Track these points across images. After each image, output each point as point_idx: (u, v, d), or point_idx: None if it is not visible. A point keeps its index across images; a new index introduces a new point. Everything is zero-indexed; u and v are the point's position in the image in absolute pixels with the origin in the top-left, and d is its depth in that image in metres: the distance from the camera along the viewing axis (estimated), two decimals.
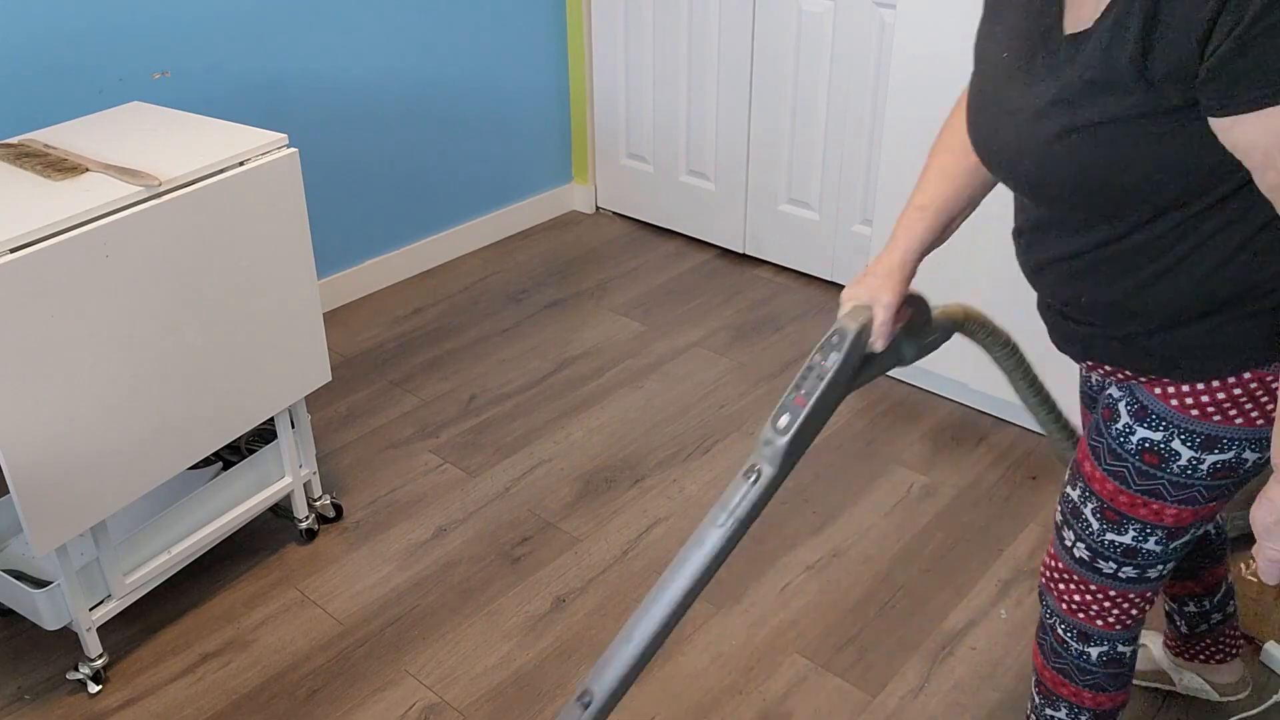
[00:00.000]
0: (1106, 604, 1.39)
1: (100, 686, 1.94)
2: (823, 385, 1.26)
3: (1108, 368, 1.30)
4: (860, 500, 2.39)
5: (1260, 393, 1.20)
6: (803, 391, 1.27)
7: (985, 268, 2.49)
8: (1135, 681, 1.90)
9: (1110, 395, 1.32)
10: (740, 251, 3.47)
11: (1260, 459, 1.24)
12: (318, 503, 2.31)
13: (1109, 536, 1.33)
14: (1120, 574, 1.35)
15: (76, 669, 1.93)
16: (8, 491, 1.96)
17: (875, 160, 2.99)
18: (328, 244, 3.11)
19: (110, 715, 1.90)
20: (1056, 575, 1.44)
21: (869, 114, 2.95)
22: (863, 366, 1.32)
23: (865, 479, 2.46)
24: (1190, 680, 1.84)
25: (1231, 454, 1.23)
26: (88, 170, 1.82)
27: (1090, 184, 1.12)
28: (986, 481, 2.44)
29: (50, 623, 1.87)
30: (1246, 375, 1.19)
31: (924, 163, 1.42)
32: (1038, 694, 1.55)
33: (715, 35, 3.20)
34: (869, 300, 1.35)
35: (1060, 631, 1.46)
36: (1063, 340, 1.37)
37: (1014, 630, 2.05)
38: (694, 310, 3.17)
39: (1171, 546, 1.32)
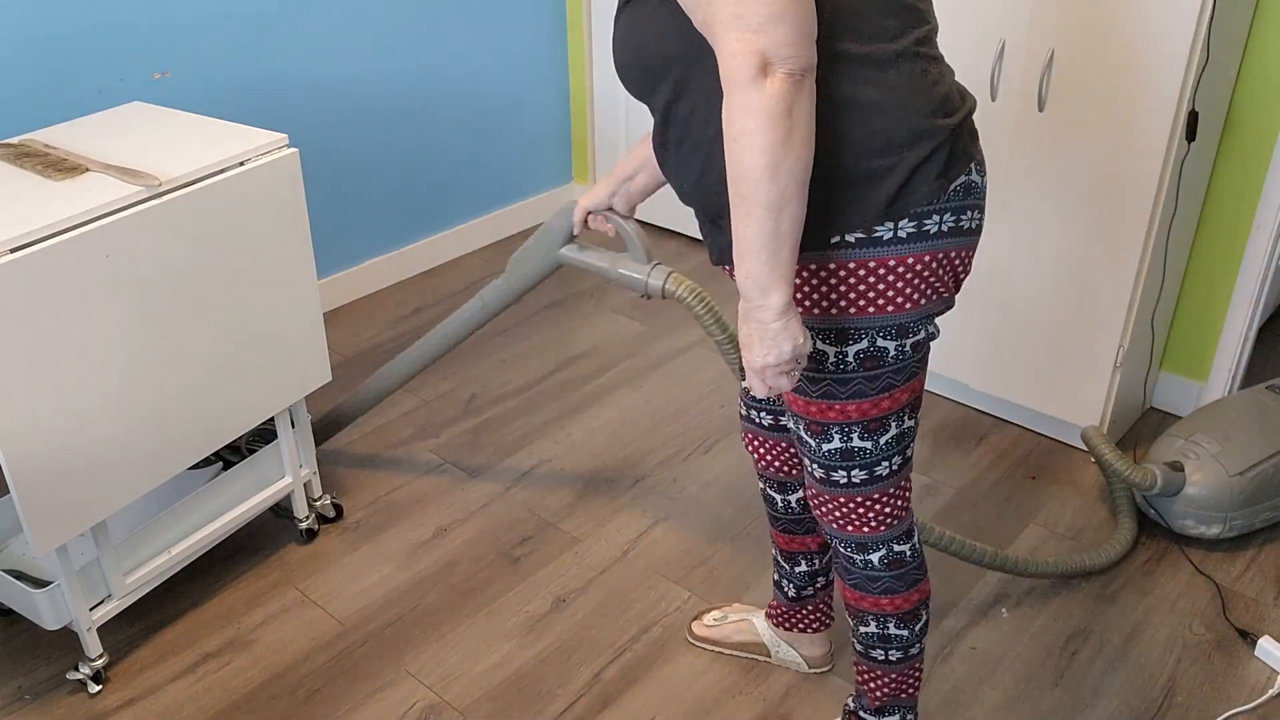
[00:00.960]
0: (862, 510, 1.51)
1: (100, 686, 1.94)
2: (526, 244, 2.11)
3: (728, 269, 1.39)
4: None
5: (815, 280, 1.32)
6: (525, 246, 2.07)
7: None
8: (733, 653, 2.00)
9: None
10: None
11: (874, 344, 1.35)
12: (318, 503, 2.31)
13: (825, 447, 1.45)
14: (854, 478, 1.47)
15: (77, 669, 1.93)
16: (8, 491, 1.97)
17: None
18: (328, 244, 3.11)
19: (110, 715, 1.90)
20: (815, 501, 1.54)
21: None
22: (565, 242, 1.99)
23: None
24: (785, 652, 1.95)
25: (864, 343, 1.35)
26: (88, 170, 1.82)
27: (627, 58, 1.31)
28: (986, 481, 2.44)
29: (50, 623, 1.87)
30: (818, 271, 1.31)
31: None
32: (849, 618, 1.65)
33: None
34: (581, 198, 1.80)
35: (841, 549, 1.57)
36: (708, 249, 1.46)
37: (1014, 630, 2.05)
38: None
39: (881, 441, 1.44)
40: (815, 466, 1.49)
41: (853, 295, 1.32)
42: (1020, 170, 2.32)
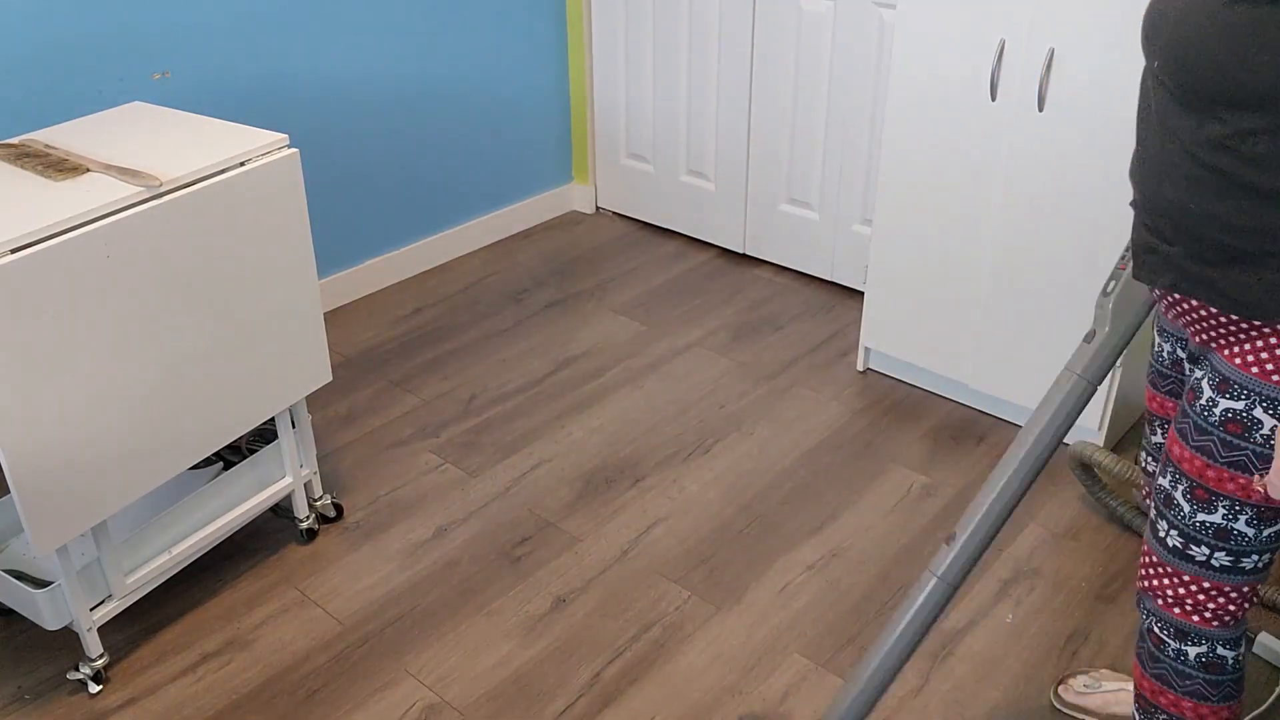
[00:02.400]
0: (1201, 596, 1.38)
1: (101, 686, 1.94)
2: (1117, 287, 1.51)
3: (1186, 314, 1.29)
4: (860, 500, 2.39)
5: None
6: (1124, 257, 1.49)
7: (988, 258, 2.49)
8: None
9: (1194, 376, 1.33)
10: (740, 251, 3.47)
11: None
12: (318, 502, 2.31)
13: (1200, 518, 1.33)
14: (1213, 560, 1.35)
15: (77, 669, 1.93)
16: (8, 491, 1.97)
17: (875, 160, 2.99)
18: (328, 244, 3.11)
19: (111, 715, 1.90)
20: (1151, 571, 1.43)
21: (869, 114, 2.95)
22: None
23: (865, 479, 2.46)
24: None
25: None
26: (88, 170, 1.82)
27: (1236, 61, 1.11)
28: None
29: (51, 623, 1.87)
30: None
31: None
32: (1137, 710, 1.53)
33: (715, 35, 3.20)
34: None
35: (1157, 630, 1.44)
36: (1152, 272, 1.33)
37: (1014, 630, 2.05)
38: (694, 310, 3.17)
39: (1265, 533, 1.32)
40: (1175, 534, 1.37)
41: None
42: (1020, 170, 2.32)
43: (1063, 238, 2.32)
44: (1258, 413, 1.25)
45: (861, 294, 3.17)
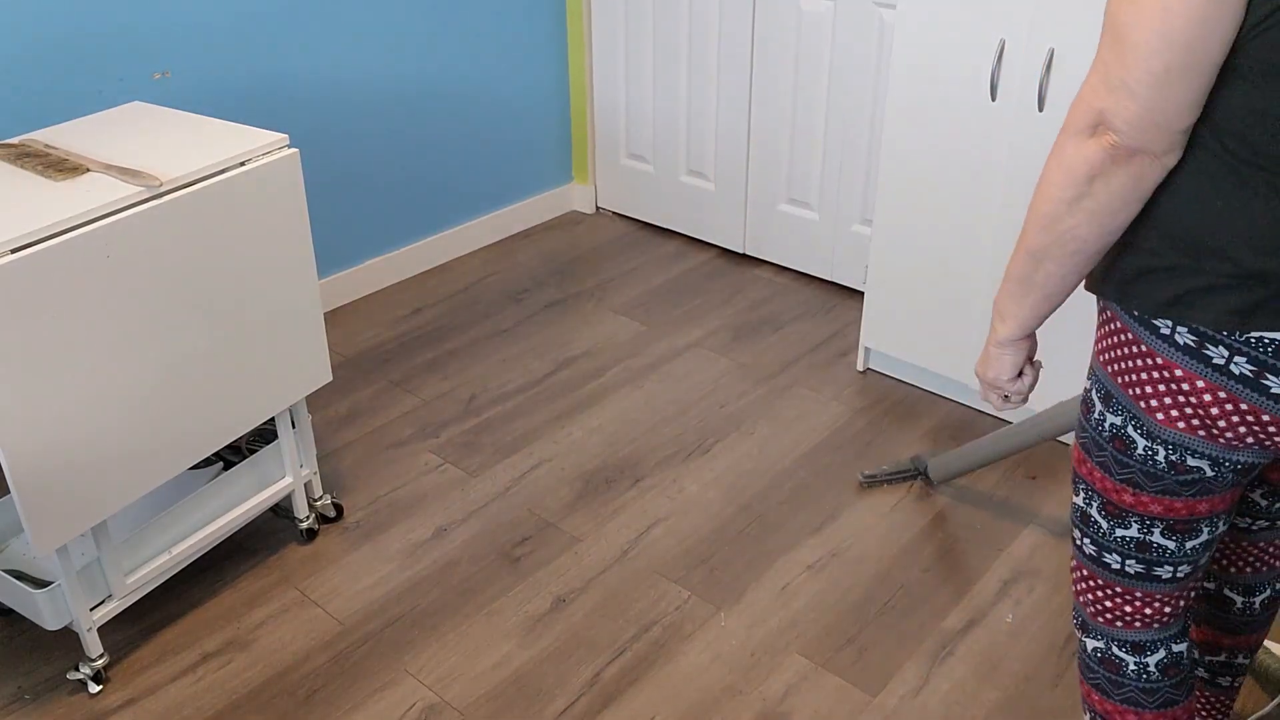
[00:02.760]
0: (1108, 601, 1.38)
1: (101, 686, 1.94)
2: None
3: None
4: (860, 500, 2.39)
5: (1111, 331, 1.22)
6: None
7: (988, 263, 2.49)
8: None
9: (1085, 387, 1.32)
10: (740, 251, 3.47)
11: (1124, 429, 1.23)
12: (318, 502, 2.31)
13: (1118, 533, 1.31)
14: (1126, 568, 1.33)
15: (77, 669, 1.93)
16: (8, 491, 1.97)
17: (875, 160, 2.99)
18: (328, 244, 3.11)
19: (111, 715, 1.90)
20: (1073, 569, 1.44)
21: (869, 114, 2.95)
22: None
23: None
24: None
25: (1119, 418, 1.23)
26: (88, 170, 1.82)
27: None
28: (986, 481, 2.45)
29: (51, 623, 1.87)
30: (1113, 319, 1.21)
31: None
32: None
33: (715, 35, 3.20)
34: None
35: (1073, 618, 1.47)
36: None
37: (1014, 630, 2.06)
38: (694, 310, 3.17)
39: (1188, 545, 1.29)
40: (1088, 543, 1.37)
41: (1126, 365, 1.22)
42: (1020, 170, 2.32)
43: None
44: (1130, 431, 1.24)
45: (861, 294, 3.18)
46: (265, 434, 2.28)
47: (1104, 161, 1.08)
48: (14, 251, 1.59)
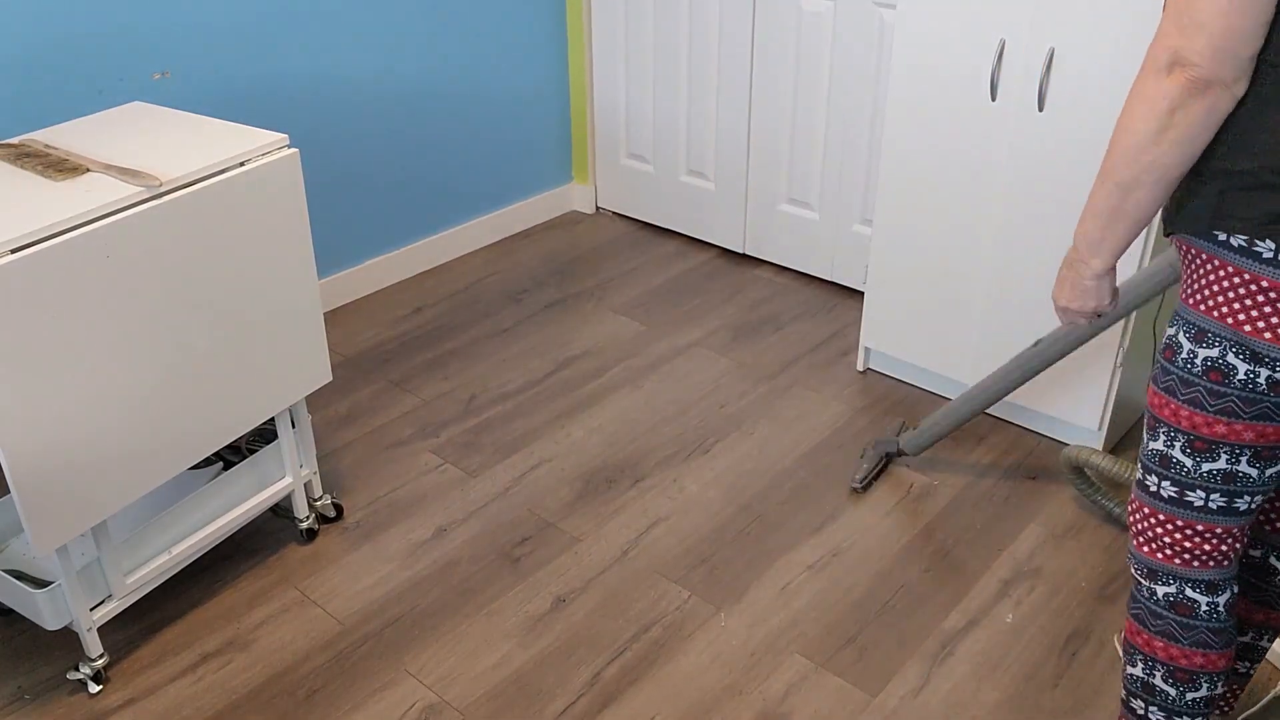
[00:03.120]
0: (1159, 531, 1.44)
1: (101, 686, 1.94)
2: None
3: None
4: (860, 500, 2.39)
5: (1195, 266, 1.30)
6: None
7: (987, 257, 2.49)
8: None
9: (1168, 334, 1.39)
10: (740, 251, 3.47)
11: (1224, 357, 1.30)
12: (318, 502, 2.31)
13: (1205, 468, 1.37)
14: (1210, 503, 1.39)
15: (77, 669, 1.93)
16: (8, 491, 1.97)
17: (875, 160, 2.99)
18: (328, 244, 3.11)
19: (111, 715, 1.90)
20: (1139, 519, 1.47)
21: (869, 114, 2.95)
22: None
23: None
24: None
25: (1216, 350, 1.30)
26: (88, 170, 1.82)
27: None
28: (986, 481, 2.45)
29: (51, 623, 1.87)
30: (1205, 260, 1.29)
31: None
32: (1122, 652, 1.57)
33: (715, 35, 3.20)
34: None
35: (1132, 570, 1.50)
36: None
37: (1014, 630, 2.06)
38: (694, 310, 3.17)
39: (1204, 468, 1.37)
40: (1168, 485, 1.42)
41: (1220, 299, 1.29)
42: (1020, 170, 2.32)
43: (1063, 238, 2.32)
44: (1230, 358, 1.31)
45: (861, 294, 3.18)
46: (265, 434, 2.28)
47: (1183, 94, 1.20)
48: (14, 251, 1.59)
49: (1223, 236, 1.26)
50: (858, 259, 3.14)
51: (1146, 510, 1.46)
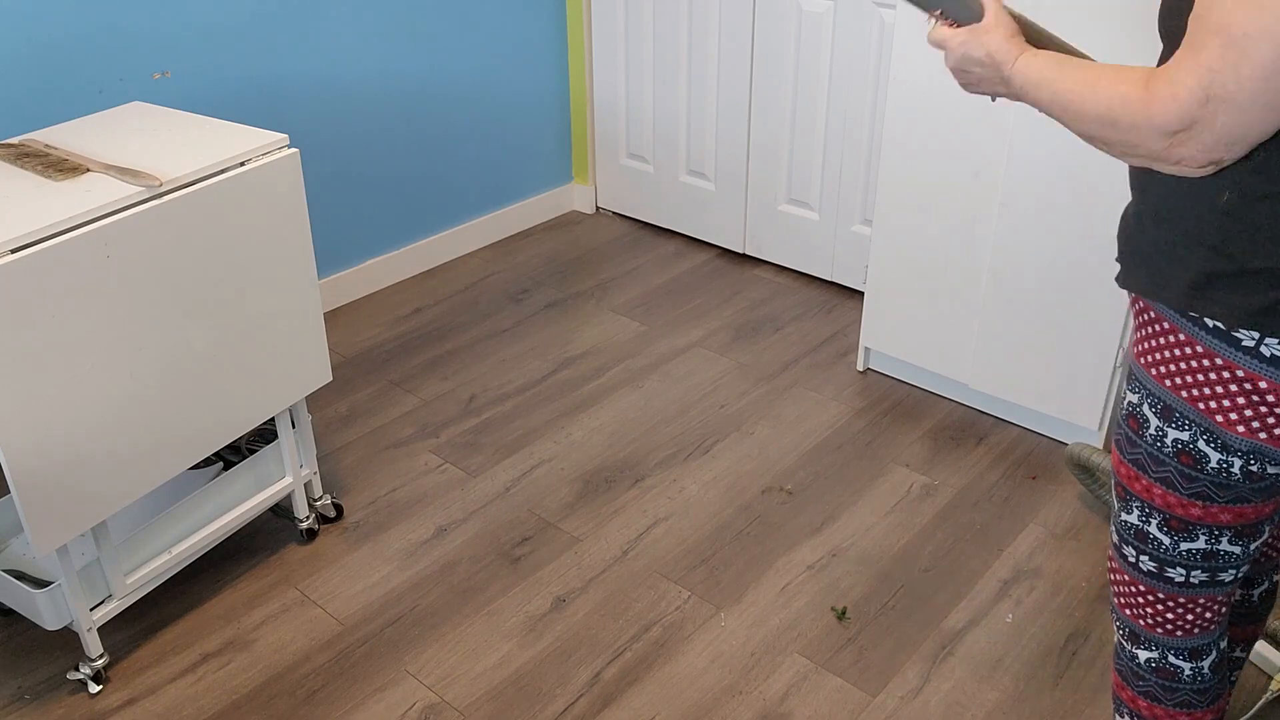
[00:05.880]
0: (1169, 614, 1.36)
1: (101, 686, 1.94)
2: None
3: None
4: (860, 500, 2.39)
5: (1169, 344, 1.18)
6: None
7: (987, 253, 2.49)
8: None
9: (1129, 401, 1.29)
10: (740, 251, 3.47)
11: (1195, 443, 1.18)
12: (318, 503, 2.31)
13: (1184, 547, 1.28)
14: (1191, 579, 1.31)
15: (77, 669, 1.93)
16: (9, 491, 1.97)
17: (875, 160, 2.99)
18: (328, 244, 3.11)
19: (111, 715, 1.90)
20: (1118, 582, 1.41)
21: (869, 114, 2.95)
22: None
23: (865, 479, 2.46)
24: None
25: (1186, 434, 1.19)
26: (89, 170, 1.82)
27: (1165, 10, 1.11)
28: (986, 481, 2.45)
29: (51, 623, 1.87)
30: (1169, 330, 1.17)
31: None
32: (1113, 703, 1.53)
33: (715, 35, 3.20)
34: None
35: (1114, 625, 1.45)
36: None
37: (1014, 630, 2.05)
38: (694, 310, 3.17)
39: (1251, 547, 1.28)
40: (1147, 560, 1.33)
41: (1189, 379, 1.18)
42: (1020, 170, 2.32)
43: (1062, 238, 2.32)
44: (1201, 445, 1.20)
45: (861, 294, 3.18)
46: (265, 434, 2.28)
47: (1170, 160, 1.05)
48: (14, 251, 1.59)
49: (1196, 314, 1.14)
50: (858, 259, 3.14)
51: (1127, 579, 1.39)
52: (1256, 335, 1.10)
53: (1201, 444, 1.19)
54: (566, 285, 3.32)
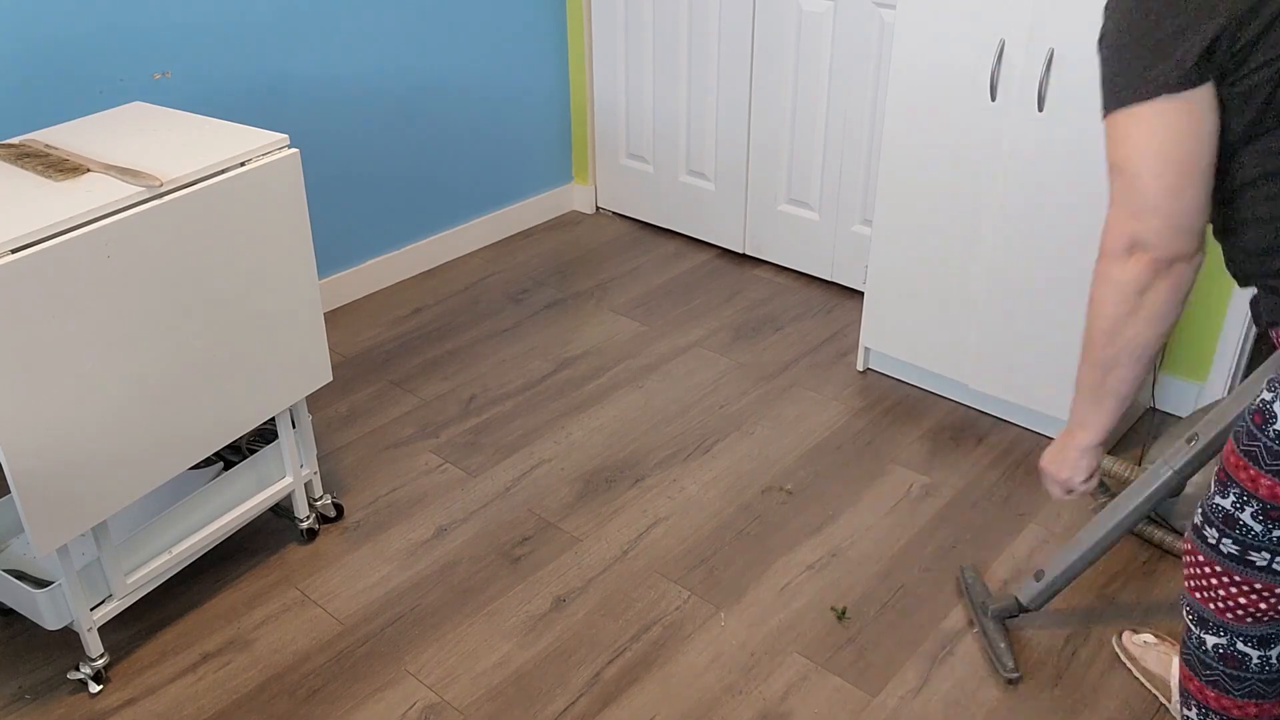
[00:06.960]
0: (1242, 598, 1.39)
1: (101, 686, 1.94)
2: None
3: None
4: (860, 500, 2.40)
5: None
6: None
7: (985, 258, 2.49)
8: (1138, 677, 1.90)
9: (1263, 398, 1.33)
10: (740, 251, 3.47)
11: None
12: (318, 502, 2.31)
13: (1276, 533, 1.33)
14: (1274, 565, 1.36)
15: (77, 669, 1.93)
16: (9, 491, 1.97)
17: (875, 160, 2.99)
18: (328, 244, 3.11)
19: (111, 715, 1.90)
20: (1192, 564, 1.44)
21: (869, 114, 2.95)
22: None
23: (865, 479, 2.46)
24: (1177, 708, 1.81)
25: None
26: (89, 171, 1.82)
27: None
28: (986, 481, 2.45)
29: (51, 623, 1.87)
30: None
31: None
32: (1179, 696, 1.56)
33: (715, 35, 3.20)
34: None
35: (1184, 613, 1.49)
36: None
37: (1014, 630, 2.05)
38: (694, 310, 3.17)
39: (1274, 533, 1.34)
40: (1229, 543, 1.38)
41: None
42: (1020, 170, 2.32)
43: (1062, 238, 2.32)
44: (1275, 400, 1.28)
45: (861, 294, 3.18)
46: (265, 434, 2.28)
47: (1147, 276, 1.24)
48: (14, 251, 1.59)
49: None
50: (858, 259, 3.14)
51: (1202, 559, 1.42)
52: None
53: None
54: (566, 285, 3.32)
